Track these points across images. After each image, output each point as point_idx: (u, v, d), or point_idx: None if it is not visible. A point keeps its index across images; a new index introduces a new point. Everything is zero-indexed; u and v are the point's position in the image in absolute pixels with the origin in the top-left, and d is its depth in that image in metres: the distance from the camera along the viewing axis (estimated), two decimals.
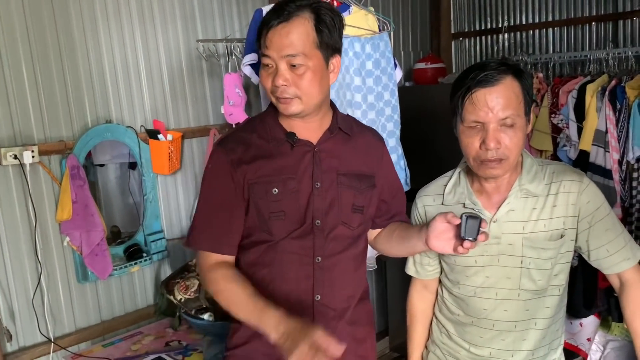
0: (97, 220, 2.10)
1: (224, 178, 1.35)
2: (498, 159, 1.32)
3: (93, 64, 2.18)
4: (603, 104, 2.52)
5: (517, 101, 1.30)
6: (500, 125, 1.29)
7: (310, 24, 1.28)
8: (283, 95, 1.30)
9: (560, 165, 1.46)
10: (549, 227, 1.39)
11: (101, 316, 2.27)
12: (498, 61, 1.35)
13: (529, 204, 1.41)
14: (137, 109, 2.33)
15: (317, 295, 1.40)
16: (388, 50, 2.14)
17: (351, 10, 2.08)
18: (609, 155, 2.50)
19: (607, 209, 1.41)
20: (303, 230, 1.37)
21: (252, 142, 1.37)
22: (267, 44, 1.28)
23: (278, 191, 1.35)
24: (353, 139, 1.46)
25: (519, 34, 3.62)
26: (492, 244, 1.42)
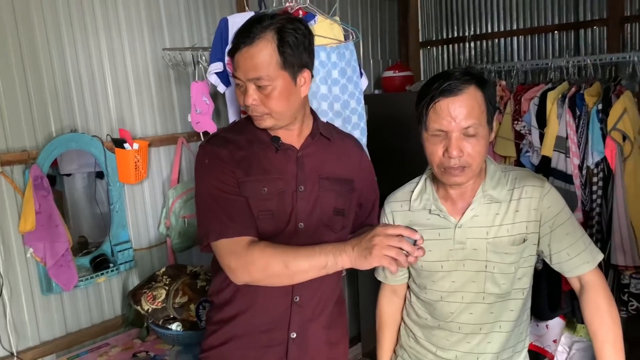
0: (61, 231, 2.07)
1: (224, 168, 1.39)
2: (461, 166, 1.35)
3: (57, 72, 2.16)
4: (563, 110, 2.60)
5: (480, 110, 1.34)
6: (463, 134, 1.33)
7: (272, 46, 1.33)
8: (254, 113, 1.38)
9: (522, 171, 1.50)
10: (512, 232, 1.43)
11: (67, 328, 2.23)
12: (462, 70, 1.38)
13: (493, 209, 1.44)
14: (103, 118, 2.31)
15: (296, 296, 1.43)
16: (354, 59, 2.17)
17: (316, 20, 2.11)
18: (569, 160, 2.57)
19: (567, 214, 1.45)
20: (288, 232, 1.41)
21: (240, 143, 1.42)
22: (235, 66, 1.36)
23: (267, 190, 1.39)
24: (334, 145, 1.53)
25: (484, 42, 3.71)
26: (458, 249, 1.46)
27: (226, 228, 1.35)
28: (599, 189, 2.57)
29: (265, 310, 1.43)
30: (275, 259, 1.29)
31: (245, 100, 1.36)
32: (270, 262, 1.29)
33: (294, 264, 1.28)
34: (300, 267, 1.28)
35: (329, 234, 1.46)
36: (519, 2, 3.54)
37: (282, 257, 1.29)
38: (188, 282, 2.15)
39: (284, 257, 1.28)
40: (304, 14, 2.08)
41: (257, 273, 1.31)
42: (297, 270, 1.28)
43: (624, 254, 2.49)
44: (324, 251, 1.27)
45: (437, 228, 1.49)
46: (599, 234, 2.59)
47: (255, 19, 1.36)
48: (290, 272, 1.29)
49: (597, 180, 2.57)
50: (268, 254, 1.30)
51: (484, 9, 3.70)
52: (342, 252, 1.25)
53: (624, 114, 2.45)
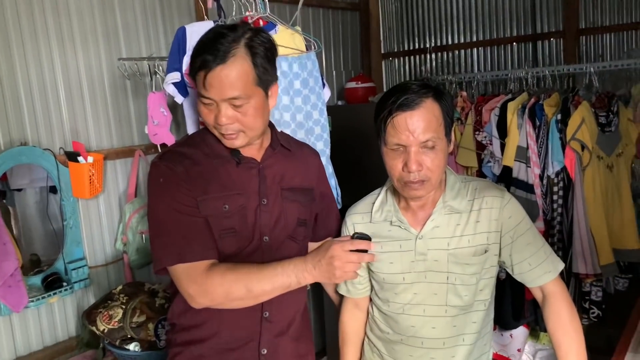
0: (10, 249, 1.97)
1: (180, 187, 1.31)
2: (420, 180, 1.35)
3: (5, 83, 2.06)
4: (524, 121, 2.63)
5: (437, 123, 1.33)
6: (422, 148, 1.33)
7: (247, 63, 1.27)
8: (227, 132, 1.31)
9: (482, 182, 1.49)
10: (473, 243, 1.42)
11: (17, 352, 2.11)
12: (419, 83, 1.37)
13: (453, 220, 1.43)
14: (56, 131, 2.22)
15: (265, 312, 1.39)
16: (316, 69, 2.14)
17: (277, 30, 2.07)
18: (530, 170, 2.60)
19: (528, 223, 1.45)
20: (252, 247, 1.37)
21: (196, 159, 1.35)
22: (206, 87, 1.26)
23: (228, 207, 1.34)
24: (293, 155, 1.50)
25: (445, 53, 3.75)
26: (419, 260, 1.44)
27: (183, 252, 1.28)
28: (559, 198, 2.60)
29: (234, 328, 1.38)
30: (237, 284, 1.26)
31: (218, 119, 1.29)
32: (232, 288, 1.26)
33: (257, 287, 1.26)
34: (264, 290, 1.27)
35: (292, 245, 1.44)
36: (478, 15, 3.60)
37: (244, 281, 1.26)
38: (146, 300, 2.07)
39: (246, 281, 1.26)
40: (265, 23, 2.05)
41: (219, 299, 1.28)
42: (260, 293, 1.27)
43: (585, 262, 2.52)
44: (286, 271, 1.27)
45: (398, 240, 1.47)
46: (560, 242, 2.62)
47: (219, 32, 1.29)
48: (253, 295, 1.28)
49: (557, 189, 2.60)
50: (229, 280, 1.26)
51: (444, 21, 3.75)
52: (303, 271, 1.26)
53: (582, 124, 2.49)
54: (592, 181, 2.55)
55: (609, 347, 1.88)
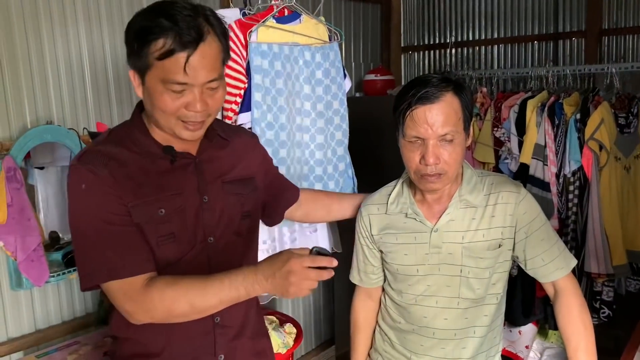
0: (33, 225, 2.02)
1: (107, 193, 1.16)
2: (437, 174, 1.36)
3: (34, 63, 2.10)
4: (542, 119, 2.63)
5: (457, 117, 1.34)
6: (440, 141, 1.33)
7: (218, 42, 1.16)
8: (198, 119, 1.18)
9: (499, 177, 1.50)
10: (488, 237, 1.43)
11: (36, 325, 2.17)
12: (440, 76, 1.37)
13: (469, 214, 1.44)
14: (81, 111, 2.26)
15: (216, 317, 1.29)
16: (338, 60, 2.16)
17: (302, 19, 2.09)
18: (547, 168, 2.60)
19: (542, 220, 1.46)
20: (196, 251, 1.25)
21: (123, 158, 1.20)
22: (186, 72, 1.11)
23: (165, 211, 1.20)
24: (231, 144, 1.38)
25: (466, 49, 3.74)
26: (433, 253, 1.45)
27: (115, 268, 1.14)
28: (574, 197, 2.60)
29: (186, 338, 1.27)
30: (178, 301, 1.13)
31: (191, 106, 1.15)
32: (174, 305, 1.14)
33: (201, 302, 1.14)
34: (209, 304, 1.15)
35: (238, 241, 1.34)
36: (500, 12, 3.59)
37: (186, 296, 1.13)
38: None
39: (189, 297, 1.13)
40: (290, 12, 2.07)
41: (161, 315, 1.16)
42: (205, 307, 1.15)
43: (597, 261, 2.53)
44: (234, 284, 1.13)
45: (413, 232, 1.48)
46: (573, 241, 2.63)
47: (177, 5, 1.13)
48: (198, 311, 1.16)
49: (573, 188, 2.60)
50: (169, 296, 1.13)
51: (465, 16, 3.74)
52: (254, 283, 1.12)
53: (601, 124, 2.49)
54: (608, 182, 2.55)
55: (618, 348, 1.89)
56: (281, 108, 2.00)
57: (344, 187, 2.21)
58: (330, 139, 2.16)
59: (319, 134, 2.12)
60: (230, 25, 1.92)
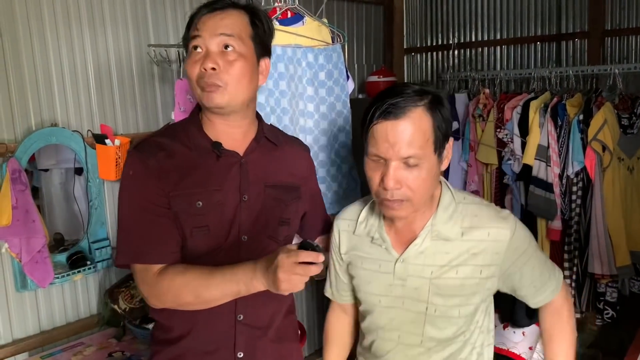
0: (38, 227, 2.03)
1: (148, 183, 1.24)
2: (399, 200, 1.19)
3: (39, 65, 2.11)
4: (545, 120, 2.63)
5: (424, 138, 1.16)
6: (403, 163, 1.17)
7: (245, 17, 1.26)
8: (210, 80, 1.21)
9: (484, 208, 1.30)
10: (462, 275, 1.27)
11: (40, 326, 2.18)
12: (417, 88, 1.20)
13: (441, 247, 1.27)
14: (85, 113, 2.27)
15: (239, 315, 1.31)
16: (341, 61, 2.17)
17: (305, 21, 2.10)
18: (550, 169, 2.60)
19: (533, 248, 1.33)
20: (228, 246, 1.28)
21: (174, 150, 1.27)
22: (198, 27, 1.22)
23: (202, 204, 1.25)
24: (279, 149, 1.40)
25: (468, 50, 3.75)
26: (397, 285, 1.31)
27: (138, 253, 1.23)
28: (578, 198, 2.60)
29: (208, 330, 1.30)
30: (185, 290, 1.19)
31: (205, 63, 1.21)
32: (181, 293, 1.20)
33: (205, 293, 1.18)
34: (213, 296, 1.19)
35: (272, 244, 1.34)
36: (502, 13, 3.59)
37: (192, 286, 1.19)
38: None
39: (194, 287, 1.19)
40: (292, 15, 2.08)
41: (170, 303, 1.23)
42: (209, 299, 1.19)
43: (601, 263, 2.53)
44: (235, 278, 1.16)
45: (378, 259, 1.34)
46: (577, 242, 2.63)
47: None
48: (203, 301, 1.20)
49: (576, 189, 2.61)
50: (177, 285, 1.19)
51: (468, 18, 3.75)
52: (252, 279, 1.14)
53: (604, 125, 2.49)
54: (611, 182, 2.55)
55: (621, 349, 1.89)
56: (284, 110, 2.01)
57: (347, 188, 2.22)
58: (334, 140, 2.17)
59: (322, 135, 2.13)
60: None
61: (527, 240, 1.31)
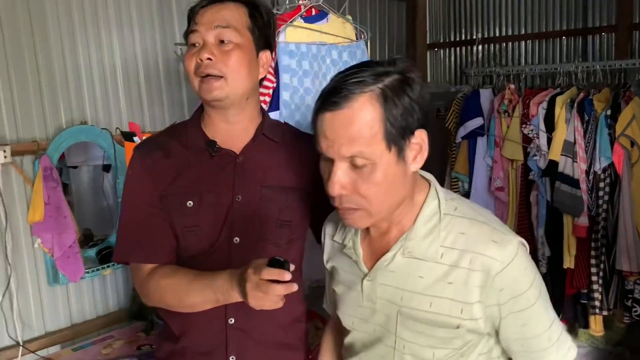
0: (69, 223, 2.08)
1: (143, 183, 1.24)
2: (350, 208, 0.97)
3: (69, 64, 2.16)
4: (572, 115, 2.60)
5: (370, 133, 0.90)
6: (350, 164, 0.93)
7: (243, 9, 1.23)
8: (207, 70, 1.18)
9: (477, 225, 0.99)
10: (437, 310, 0.99)
11: (72, 319, 2.23)
12: (379, 69, 0.93)
13: (415, 268, 1.01)
14: (113, 111, 2.31)
15: (230, 318, 1.25)
16: (365, 58, 2.17)
17: (329, 19, 2.11)
18: (576, 165, 2.58)
19: (535, 296, 0.99)
20: (217, 248, 1.24)
21: (171, 149, 1.26)
22: (196, 21, 1.21)
23: (193, 204, 1.22)
24: (284, 148, 1.31)
25: (492, 46, 3.71)
26: (367, 307, 1.08)
27: (129, 252, 1.25)
28: (605, 194, 2.57)
29: (201, 331, 1.28)
30: (168, 293, 1.19)
31: (200, 54, 1.18)
32: (165, 296, 1.20)
33: (186, 298, 1.17)
34: (193, 302, 1.16)
35: (272, 248, 1.26)
36: (527, 7, 3.55)
37: (175, 290, 1.18)
38: None
39: (177, 291, 1.18)
40: (317, 12, 2.09)
41: (157, 303, 1.24)
42: (190, 304, 1.17)
43: (629, 259, 2.50)
44: (213, 287, 1.11)
45: (350, 273, 1.12)
46: (604, 239, 2.60)
47: None
48: (186, 306, 1.19)
49: (603, 185, 2.57)
50: (163, 287, 1.19)
51: (492, 12, 3.72)
52: (229, 289, 1.07)
53: (632, 120, 2.45)
54: None
55: None
56: (309, 107, 2.02)
57: None
58: None
59: None
60: None
61: (528, 282, 0.97)
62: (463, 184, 2.89)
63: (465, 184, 2.89)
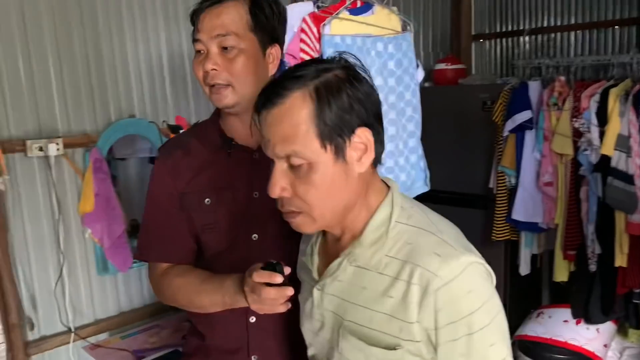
0: (118, 214, 2.13)
1: (163, 184, 1.26)
2: (293, 211, 0.92)
3: (118, 58, 2.21)
4: (626, 108, 2.50)
5: (301, 131, 0.86)
6: (288, 164, 0.90)
7: (243, 8, 1.20)
8: (214, 81, 1.19)
9: (426, 236, 0.91)
10: (378, 326, 0.91)
11: (120, 308, 2.30)
12: (322, 66, 0.90)
13: (360, 278, 0.94)
14: (160, 104, 2.35)
15: (251, 317, 1.26)
16: (410, 50, 2.14)
17: (374, 10, 2.08)
18: (631, 160, 2.47)
19: (478, 323, 0.86)
20: (237, 245, 1.25)
21: (191, 148, 1.27)
22: (198, 27, 1.20)
23: (211, 202, 1.23)
24: None
25: (540, 36, 3.60)
26: (317, 319, 1.02)
27: (148, 250, 1.29)
28: None
29: (224, 329, 1.28)
30: (180, 293, 1.22)
31: (205, 65, 1.18)
32: (176, 295, 1.23)
33: (197, 300, 1.19)
34: (202, 304, 1.18)
35: (291, 245, 1.21)
36: None
37: (186, 291, 1.20)
38: None
39: (188, 292, 1.20)
40: (362, 4, 2.06)
41: (170, 302, 1.27)
42: (200, 305, 1.19)
43: None
44: (221, 290, 1.12)
45: (307, 282, 1.07)
46: None
47: None
48: (196, 307, 1.21)
49: None
50: (175, 287, 1.23)
51: (540, 2, 3.60)
52: (236, 293, 1.08)
53: None
54: None
55: None
56: None
57: (416, 179, 2.20)
58: (402, 130, 2.15)
59: (390, 125, 2.11)
60: (304, 19, 1.94)
61: (471, 307, 0.85)
62: (510, 178, 2.82)
63: (512, 179, 2.81)
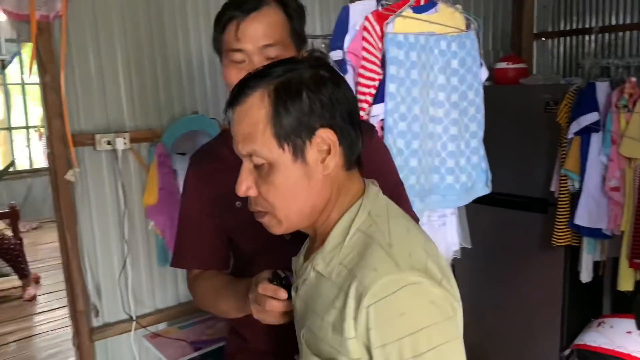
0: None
1: (194, 192, 1.28)
2: (258, 210, 0.93)
3: (182, 56, 2.26)
4: None
5: (259, 131, 0.85)
6: (253, 165, 0.89)
7: (281, 13, 1.18)
8: None
9: (374, 247, 0.85)
10: (323, 334, 0.87)
11: (179, 299, 2.35)
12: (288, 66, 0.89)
13: (318, 285, 0.91)
14: (221, 101, 2.39)
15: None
16: (474, 48, 2.11)
17: (438, 8, 2.05)
18: None
19: (409, 349, 0.78)
20: (271, 247, 1.20)
21: (220, 154, 1.26)
22: (238, 37, 1.15)
23: (242, 204, 1.20)
24: None
25: (608, 35, 3.46)
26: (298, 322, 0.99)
27: (181, 258, 1.32)
28: None
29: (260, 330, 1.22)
30: (205, 298, 1.27)
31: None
32: (203, 301, 1.28)
33: (218, 305, 1.22)
34: (222, 309, 1.21)
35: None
36: None
37: (211, 297, 1.24)
38: None
39: (212, 297, 1.24)
40: (426, 2, 2.04)
41: (201, 307, 1.32)
42: (221, 311, 1.23)
43: None
44: (238, 296, 1.12)
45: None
46: None
47: None
48: (219, 312, 1.24)
49: None
50: (202, 292, 1.27)
51: None
52: (245, 297, 1.08)
53: None
54: None
55: None
56: (415, 99, 1.98)
57: (477, 181, 2.15)
58: (464, 130, 2.11)
59: (452, 125, 2.08)
60: (367, 17, 1.93)
61: (401, 332, 0.79)
62: (573, 182, 2.71)
63: (575, 183, 2.71)
